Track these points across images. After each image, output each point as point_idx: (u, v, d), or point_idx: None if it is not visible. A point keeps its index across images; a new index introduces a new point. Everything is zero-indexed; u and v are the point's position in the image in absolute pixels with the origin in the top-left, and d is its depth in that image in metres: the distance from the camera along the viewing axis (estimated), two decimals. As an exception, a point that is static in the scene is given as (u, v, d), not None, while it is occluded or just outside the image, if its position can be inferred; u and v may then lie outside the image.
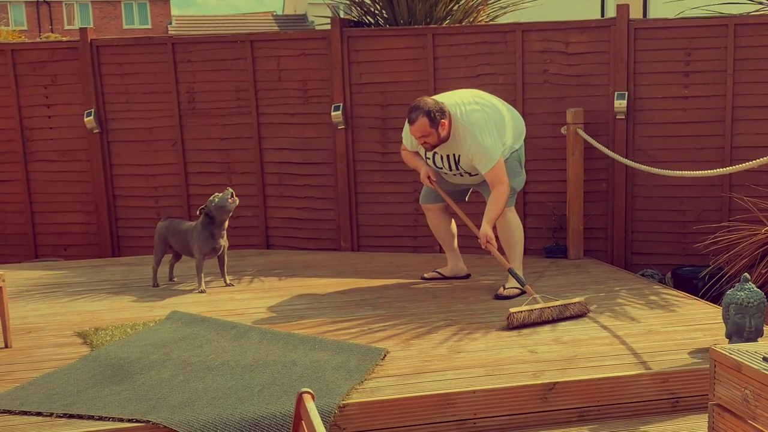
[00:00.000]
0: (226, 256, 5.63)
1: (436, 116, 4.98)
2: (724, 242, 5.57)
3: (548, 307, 4.63)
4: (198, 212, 5.46)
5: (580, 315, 4.70)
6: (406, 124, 5.18)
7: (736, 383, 2.61)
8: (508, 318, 4.49)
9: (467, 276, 5.70)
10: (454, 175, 5.33)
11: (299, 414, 2.18)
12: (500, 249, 5.26)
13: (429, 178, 5.34)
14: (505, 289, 5.21)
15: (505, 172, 5.13)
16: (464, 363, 3.87)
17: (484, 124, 5.11)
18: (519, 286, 5.15)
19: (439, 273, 5.70)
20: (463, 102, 5.16)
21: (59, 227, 7.21)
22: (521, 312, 4.54)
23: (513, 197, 5.31)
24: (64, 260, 6.97)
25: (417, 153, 5.44)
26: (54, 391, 3.61)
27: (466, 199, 5.65)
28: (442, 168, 5.31)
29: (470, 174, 5.26)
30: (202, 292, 5.44)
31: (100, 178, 7.06)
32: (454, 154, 5.17)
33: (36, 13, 41.10)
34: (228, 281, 5.65)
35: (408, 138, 5.37)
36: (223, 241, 5.50)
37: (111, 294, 5.48)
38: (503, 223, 5.28)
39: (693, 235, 6.05)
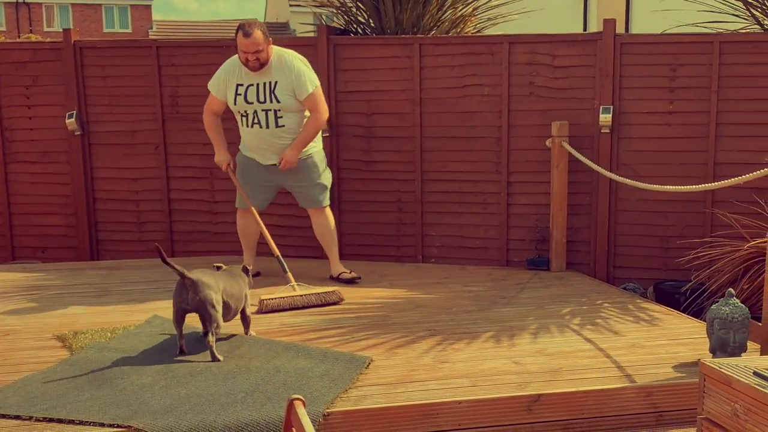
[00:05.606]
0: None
1: (267, 34, 5.41)
2: (706, 257, 5.59)
3: (299, 296, 5.12)
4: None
5: (333, 303, 5.17)
6: (219, 70, 5.63)
7: (726, 397, 2.61)
8: (260, 304, 4.97)
9: (258, 274, 5.92)
10: (263, 112, 5.53)
11: (290, 421, 2.15)
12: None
13: (229, 165, 5.80)
14: (349, 273, 5.91)
15: (324, 104, 5.62)
16: (449, 373, 3.85)
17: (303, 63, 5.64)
18: (354, 274, 5.90)
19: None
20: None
21: (38, 229, 7.11)
22: (273, 299, 5.03)
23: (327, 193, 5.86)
24: (41, 263, 6.89)
25: (220, 132, 5.83)
26: (33, 395, 3.54)
27: (265, 206, 5.98)
28: (252, 104, 5.52)
29: (278, 117, 5.53)
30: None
31: (80, 181, 6.98)
32: (270, 82, 5.49)
33: (15, 14, 40.81)
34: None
35: (217, 82, 5.64)
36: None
37: (90, 297, 5.41)
38: (325, 223, 5.92)
39: (675, 250, 6.07)
